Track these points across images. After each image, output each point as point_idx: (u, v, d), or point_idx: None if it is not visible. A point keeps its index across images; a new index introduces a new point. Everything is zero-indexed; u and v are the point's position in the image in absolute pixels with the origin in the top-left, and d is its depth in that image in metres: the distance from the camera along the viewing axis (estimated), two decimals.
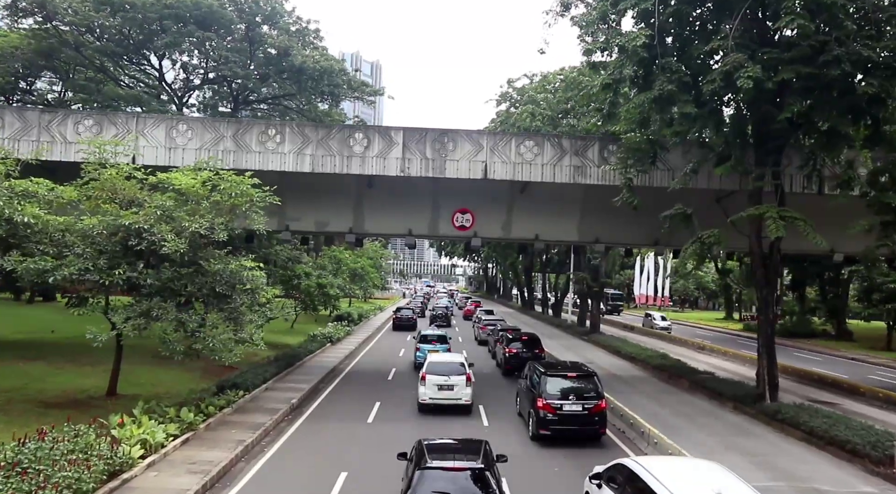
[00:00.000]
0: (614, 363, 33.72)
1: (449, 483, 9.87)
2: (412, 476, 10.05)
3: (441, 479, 9.90)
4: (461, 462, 10.41)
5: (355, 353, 35.12)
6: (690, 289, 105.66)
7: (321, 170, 23.52)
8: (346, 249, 67.67)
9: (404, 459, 11.76)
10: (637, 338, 46.34)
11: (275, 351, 31.87)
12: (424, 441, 11.42)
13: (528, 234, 27.14)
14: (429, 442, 11.31)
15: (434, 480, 9.86)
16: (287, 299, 34.82)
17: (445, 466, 10.15)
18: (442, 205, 26.64)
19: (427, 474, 9.95)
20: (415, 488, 9.76)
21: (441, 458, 10.42)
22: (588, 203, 26.74)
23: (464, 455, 10.81)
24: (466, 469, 10.17)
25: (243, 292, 17.49)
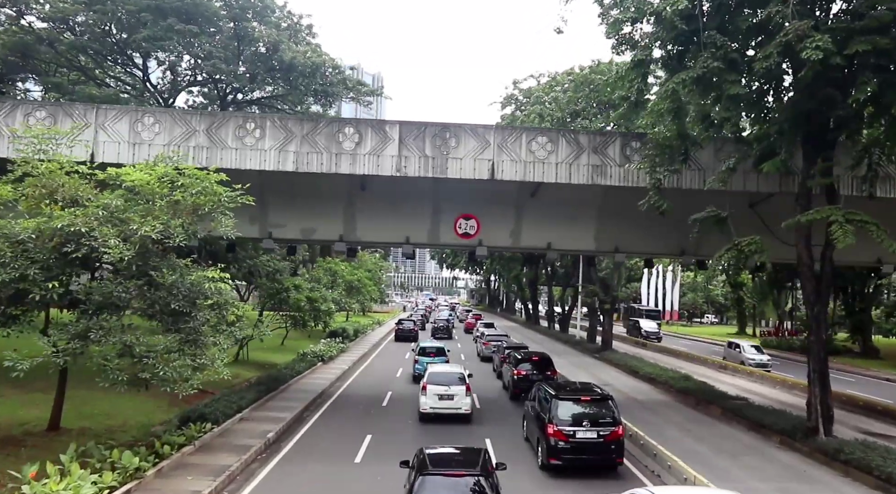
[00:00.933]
0: (632, 384, 30.73)
1: (449, 489, 10.21)
2: (413, 483, 10.35)
3: (442, 486, 10.23)
4: (461, 469, 10.74)
5: (348, 373, 32.16)
6: (699, 303, 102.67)
7: (306, 169, 20.73)
8: (343, 260, 64.94)
9: (406, 467, 11.93)
10: (651, 356, 43.33)
11: (260, 371, 29.02)
12: (426, 448, 11.73)
13: (539, 242, 24.30)
14: (430, 450, 11.66)
15: (435, 486, 10.18)
16: (273, 313, 31.95)
17: (446, 473, 10.50)
18: (443, 210, 23.83)
19: (428, 480, 10.26)
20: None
21: (442, 465, 10.79)
22: (606, 208, 23.92)
23: (464, 462, 11.21)
24: (466, 475, 10.49)
25: (206, 309, 14.59)
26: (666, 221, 23.63)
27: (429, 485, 10.21)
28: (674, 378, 29.22)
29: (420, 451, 11.64)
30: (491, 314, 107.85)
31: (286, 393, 24.64)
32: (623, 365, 35.78)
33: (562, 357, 41.07)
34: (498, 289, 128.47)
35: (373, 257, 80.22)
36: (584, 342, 48.06)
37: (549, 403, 16.67)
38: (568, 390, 18.09)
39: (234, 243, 26.49)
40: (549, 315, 65.17)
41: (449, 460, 11.41)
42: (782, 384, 30.82)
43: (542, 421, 16.61)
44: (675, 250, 24.57)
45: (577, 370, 35.49)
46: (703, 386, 27.11)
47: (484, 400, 25.63)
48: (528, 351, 30.30)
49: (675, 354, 45.16)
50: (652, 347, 50.61)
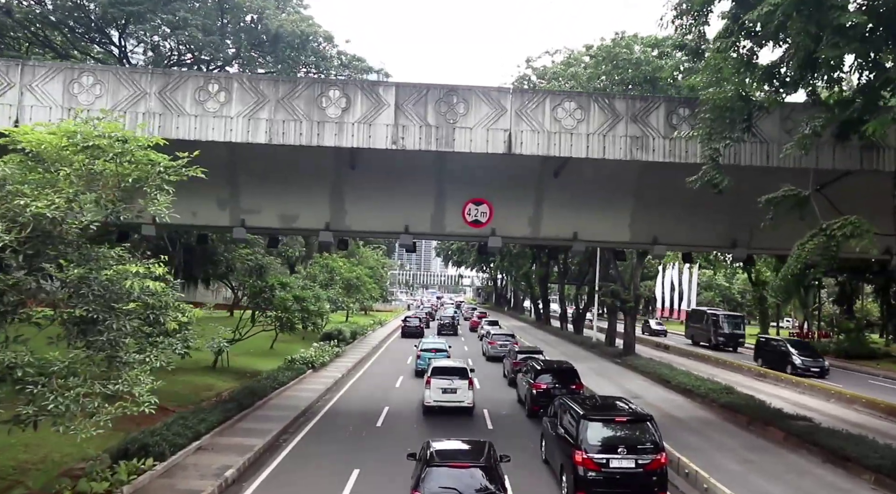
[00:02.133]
0: (665, 397, 26.84)
1: (455, 480, 10.61)
2: (420, 474, 10.84)
3: (447, 476, 10.67)
4: (466, 460, 11.21)
5: (341, 383, 28.36)
6: (717, 302, 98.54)
7: (281, 140, 16.93)
8: (342, 256, 61.18)
9: (413, 459, 12.37)
10: (678, 361, 39.41)
11: (239, 381, 25.29)
12: (432, 441, 12.10)
13: (563, 232, 20.45)
14: (436, 442, 12.03)
15: (441, 477, 10.66)
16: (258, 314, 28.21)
17: (452, 464, 10.96)
18: (449, 193, 20.02)
19: (434, 471, 10.75)
20: (423, 485, 10.53)
21: (448, 457, 11.23)
22: (644, 191, 20.06)
23: (469, 454, 11.69)
24: (471, 466, 10.97)
25: (127, 316, 10.76)
26: (715, 206, 19.91)
27: (435, 476, 10.67)
28: (714, 391, 25.31)
29: (427, 444, 11.96)
30: (498, 312, 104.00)
31: (263, 410, 20.86)
32: (651, 373, 31.86)
33: (579, 363, 37.07)
34: (505, 287, 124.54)
35: (374, 254, 76.48)
36: (601, 345, 44.16)
37: (577, 424, 13.92)
38: (598, 407, 15.23)
39: (205, 234, 22.81)
40: (562, 315, 61.24)
41: (454, 452, 11.81)
42: (838, 398, 26.86)
43: (568, 445, 14.06)
44: (724, 242, 20.68)
45: (598, 378, 31.63)
46: (752, 401, 23.22)
47: (497, 417, 21.83)
48: (548, 360, 26.46)
49: (703, 359, 41.16)
50: (675, 350, 46.63)
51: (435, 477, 10.64)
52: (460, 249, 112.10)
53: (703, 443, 18.65)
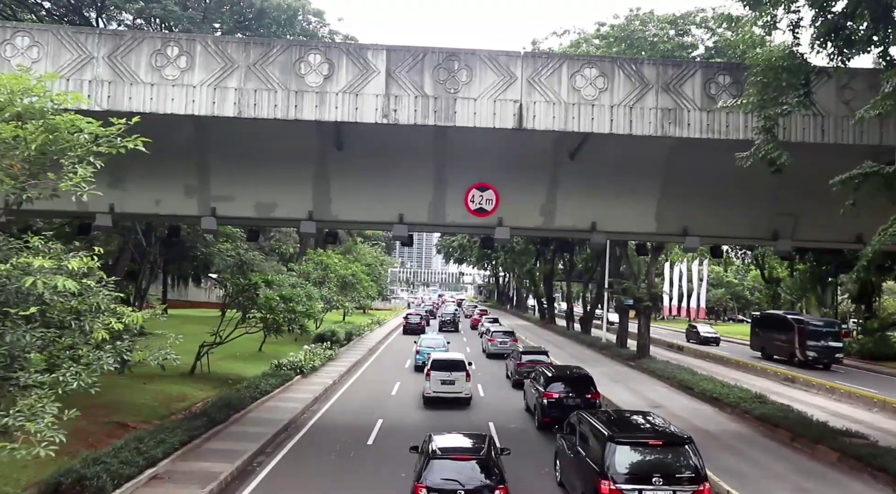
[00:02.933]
0: (689, 406, 24.29)
1: (456, 471, 11.07)
2: (423, 466, 11.24)
3: (449, 468, 11.10)
4: (466, 453, 11.67)
5: (331, 391, 25.84)
6: (726, 299, 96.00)
7: (253, 113, 14.40)
8: (338, 252, 58.64)
9: (416, 452, 12.76)
10: (696, 364, 36.85)
11: (219, 389, 22.80)
12: (434, 434, 12.57)
13: (580, 222, 17.90)
14: (438, 435, 12.46)
15: (442, 469, 11.07)
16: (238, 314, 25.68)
17: (452, 456, 11.39)
18: (450, 177, 17.48)
19: (436, 463, 11.16)
20: (425, 477, 10.94)
21: (449, 450, 11.63)
22: (673, 175, 17.51)
23: (469, 447, 12.10)
24: (471, 459, 11.46)
25: (29, 325, 8.23)
26: (753, 193, 17.48)
27: (437, 468, 11.08)
28: (744, 399, 22.78)
29: (429, 437, 12.34)
30: (501, 311, 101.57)
31: (239, 426, 18.34)
32: (670, 378, 29.30)
33: (590, 366, 34.56)
34: (507, 285, 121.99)
35: (374, 251, 73.97)
36: (612, 347, 41.60)
37: (603, 447, 11.76)
38: (626, 426, 13.12)
39: (177, 227, 20.32)
40: (568, 314, 58.61)
41: (455, 444, 12.18)
42: (882, 407, 24.27)
43: (591, 472, 11.92)
44: (765, 233, 18.09)
45: (612, 384, 29.08)
46: (790, 413, 20.70)
47: (504, 431, 19.27)
48: (559, 366, 24.27)
49: (723, 361, 38.56)
50: (690, 352, 44.05)
51: (437, 469, 11.09)
52: (462, 245, 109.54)
53: (746, 466, 16.10)
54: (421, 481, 10.94)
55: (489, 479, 11.07)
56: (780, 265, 67.15)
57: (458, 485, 10.87)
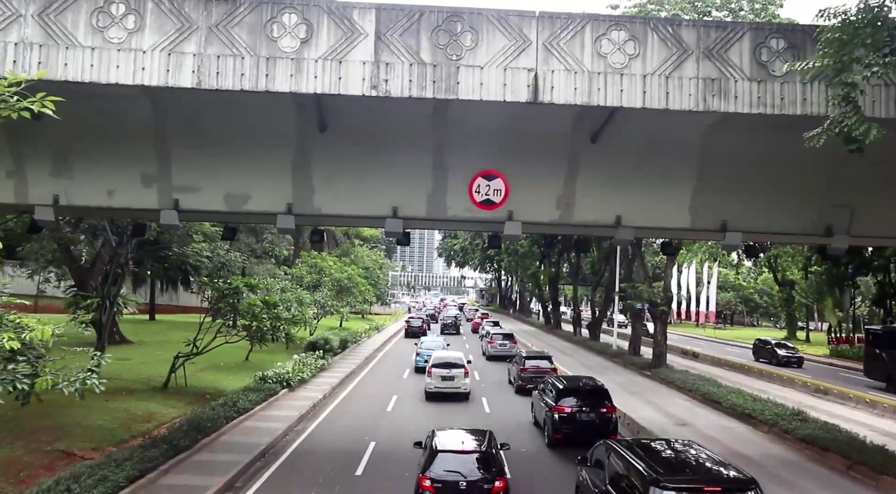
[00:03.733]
0: (720, 424, 21.78)
1: (458, 464, 11.74)
2: (427, 460, 11.94)
3: (452, 461, 11.75)
4: (469, 447, 12.29)
5: (320, 407, 23.34)
6: (734, 303, 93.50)
7: (215, 84, 11.97)
8: (335, 255, 56.21)
9: (420, 447, 13.31)
10: (717, 374, 34.34)
11: (192, 407, 20.35)
12: (437, 430, 13.32)
13: (602, 216, 15.43)
14: (441, 431, 13.22)
15: (446, 462, 11.72)
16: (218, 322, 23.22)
17: (455, 450, 12.06)
18: (452, 164, 15.03)
19: (440, 457, 11.81)
20: (429, 470, 11.60)
21: (452, 444, 12.27)
22: (711, 160, 15.06)
23: (471, 441, 12.70)
24: (473, 452, 12.14)
25: None
26: (803, 182, 15.07)
27: (440, 461, 11.74)
28: (781, 416, 20.31)
29: (432, 433, 13.15)
30: (503, 315, 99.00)
31: (207, 453, 15.85)
32: (692, 390, 26.78)
33: (602, 375, 32.08)
34: (509, 288, 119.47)
35: (373, 254, 71.54)
36: (624, 354, 39.08)
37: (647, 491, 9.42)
38: (670, 462, 10.65)
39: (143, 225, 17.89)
40: (575, 319, 56.03)
41: (458, 439, 12.74)
42: None
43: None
44: (816, 229, 15.61)
45: (628, 396, 26.62)
46: (837, 434, 18.24)
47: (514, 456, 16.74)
48: (571, 377, 22.19)
49: (744, 370, 35.99)
50: (707, 359, 41.49)
51: (440, 462, 11.70)
52: (464, 248, 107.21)
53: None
54: (426, 473, 11.63)
55: (490, 472, 11.70)
56: (794, 267, 64.69)
57: (460, 477, 11.51)
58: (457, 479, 11.45)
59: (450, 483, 11.39)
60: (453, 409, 23.38)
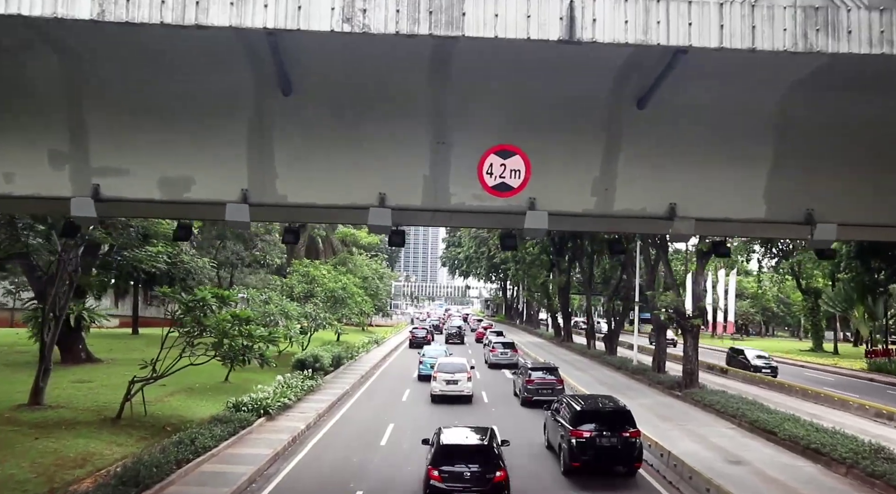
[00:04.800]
0: (781, 460, 18.14)
1: (463, 457, 13.00)
2: (435, 452, 13.25)
3: (457, 454, 13.07)
4: (472, 442, 13.74)
5: (300, 442, 19.75)
6: (751, 313, 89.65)
7: (125, 16, 8.46)
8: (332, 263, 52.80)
9: (427, 444, 14.64)
10: (744, 390, 30.70)
11: (144, 444, 16.86)
12: (443, 428, 14.55)
13: (651, 204, 11.89)
14: (446, 428, 14.55)
15: (451, 455, 13.02)
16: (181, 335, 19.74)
17: (460, 444, 13.53)
18: (456, 137, 11.52)
19: (446, 450, 13.13)
20: (437, 461, 12.86)
21: (457, 440, 13.75)
22: (794, 131, 11.55)
23: (474, 437, 14.09)
24: (476, 446, 13.47)
25: None
26: None
27: (446, 455, 12.99)
28: (861, 454, 16.63)
29: (439, 429, 14.35)
30: (510, 326, 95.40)
31: None
32: (736, 416, 23.13)
33: (626, 396, 28.45)
34: (516, 298, 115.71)
35: (374, 263, 68.08)
36: (647, 371, 35.35)
37: None
38: None
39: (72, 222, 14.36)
40: (589, 331, 52.32)
41: (462, 435, 14.24)
42: None
43: None
44: None
45: (662, 423, 23.05)
46: None
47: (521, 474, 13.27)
48: (589, 397, 19.54)
49: (785, 389, 32.18)
50: (738, 376, 37.74)
51: (446, 456, 13.00)
52: (468, 257, 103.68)
53: None
54: (433, 465, 12.78)
55: (491, 464, 12.74)
56: (819, 274, 61.01)
57: (464, 468, 12.61)
58: (461, 470, 12.71)
59: (455, 473, 12.70)
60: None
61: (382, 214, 11.25)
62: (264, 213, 12.52)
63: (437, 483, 12.67)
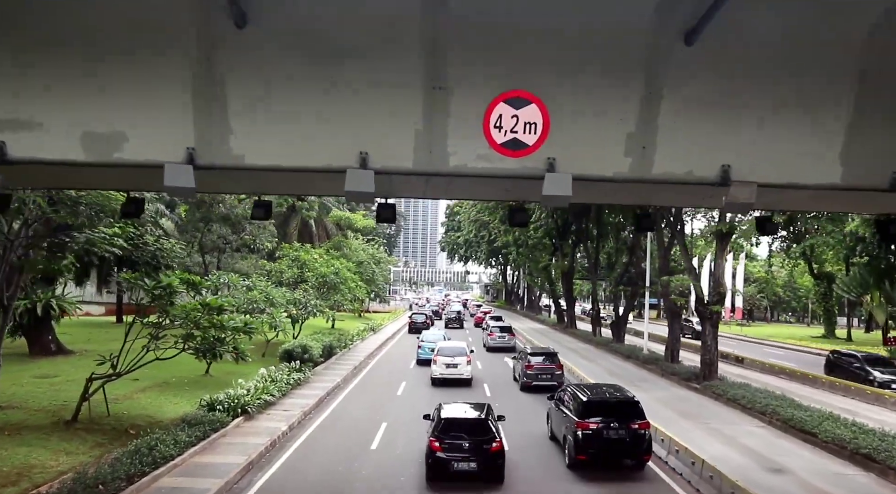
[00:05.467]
0: (827, 468, 15.91)
1: (462, 428, 14.07)
2: (436, 425, 14.33)
3: (456, 427, 14.11)
4: (470, 416, 14.75)
5: (280, 446, 17.51)
6: (758, 298, 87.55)
7: None
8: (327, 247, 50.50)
9: (428, 419, 15.69)
10: (762, 380, 28.57)
11: (99, 452, 14.68)
12: (443, 404, 15.62)
13: (700, 165, 9.54)
14: (447, 405, 15.55)
15: (451, 427, 14.05)
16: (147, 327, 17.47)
17: (459, 417, 14.57)
18: (455, 80, 9.12)
19: (446, 423, 14.18)
20: (437, 434, 13.90)
21: (456, 414, 14.76)
22: (877, 77, 9.18)
23: (472, 411, 15.09)
24: (474, 419, 14.53)
25: None
26: None
27: (446, 427, 14.03)
28: None
29: (439, 405, 15.48)
30: (510, 312, 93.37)
31: None
32: (765, 413, 20.93)
33: (639, 388, 26.39)
34: (516, 283, 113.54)
35: (370, 248, 65.76)
36: (660, 361, 33.13)
37: None
38: None
39: (4, 195, 12.00)
40: (595, 318, 50.06)
41: (461, 410, 15.15)
42: None
43: None
44: None
45: (683, 421, 20.89)
46: None
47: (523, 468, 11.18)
48: (595, 387, 18.31)
49: (810, 381, 29.85)
50: (755, 366, 35.46)
51: (446, 427, 14.02)
52: (468, 241, 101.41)
53: None
54: (434, 436, 13.97)
55: (488, 435, 13.97)
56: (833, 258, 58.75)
57: (464, 439, 13.82)
58: (461, 441, 13.73)
59: (455, 444, 13.70)
60: None
61: (363, 177, 8.92)
62: (216, 178, 10.18)
63: (438, 453, 13.75)
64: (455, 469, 13.62)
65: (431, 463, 13.83)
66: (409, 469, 15.10)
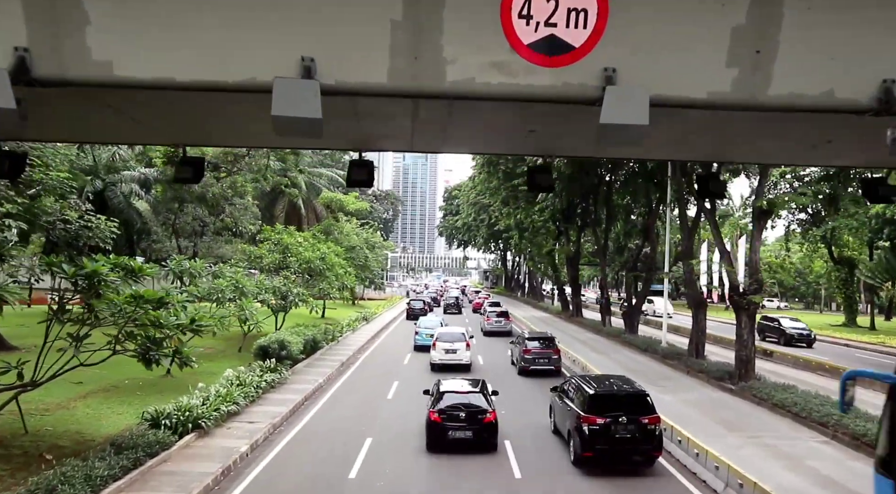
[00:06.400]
0: None
1: (458, 400, 15.38)
2: (434, 399, 15.63)
3: (454, 399, 15.42)
4: (467, 390, 16.12)
5: (233, 478, 14.02)
6: (768, 283, 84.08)
7: None
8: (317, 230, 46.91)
9: (427, 394, 17.14)
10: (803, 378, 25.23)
11: None
12: (441, 379, 17.06)
13: (844, 84, 6.01)
14: (444, 379, 17.11)
15: (449, 400, 15.37)
16: None
17: (456, 390, 15.98)
18: None
19: (445, 396, 15.53)
20: (437, 406, 15.24)
21: (454, 388, 16.12)
22: None
23: (468, 385, 16.53)
24: (470, 392, 15.94)
25: None
26: None
27: (444, 399, 15.36)
28: None
29: (438, 381, 16.74)
30: (511, 299, 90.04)
31: None
32: (827, 425, 17.52)
33: (662, 389, 23.17)
34: (516, 269, 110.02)
35: (364, 232, 62.22)
36: (682, 356, 29.63)
37: None
38: None
39: None
40: (604, 306, 46.48)
41: (458, 385, 16.59)
42: None
43: None
44: None
45: (725, 431, 17.53)
46: None
47: None
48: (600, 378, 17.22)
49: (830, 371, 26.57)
50: (787, 360, 32.06)
51: (444, 400, 15.36)
52: (466, 225, 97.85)
53: None
54: (434, 408, 15.24)
55: (482, 407, 15.24)
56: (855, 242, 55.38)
57: (461, 410, 15.06)
58: (458, 412, 15.08)
59: (453, 414, 15.07)
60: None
61: (303, 91, 5.35)
62: (69, 99, 6.58)
63: (437, 423, 15.01)
64: (452, 438, 14.96)
65: (431, 431, 15.17)
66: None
